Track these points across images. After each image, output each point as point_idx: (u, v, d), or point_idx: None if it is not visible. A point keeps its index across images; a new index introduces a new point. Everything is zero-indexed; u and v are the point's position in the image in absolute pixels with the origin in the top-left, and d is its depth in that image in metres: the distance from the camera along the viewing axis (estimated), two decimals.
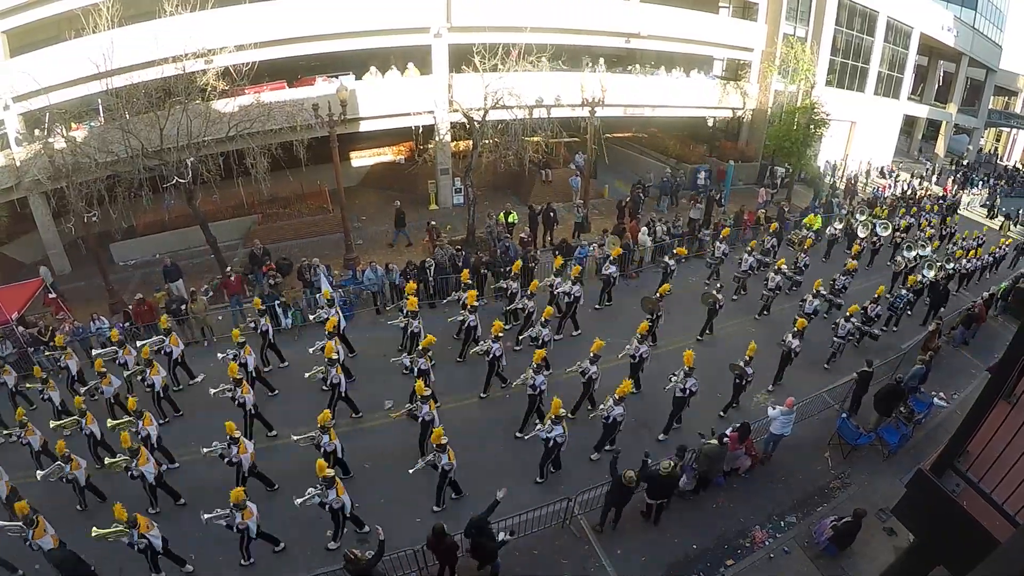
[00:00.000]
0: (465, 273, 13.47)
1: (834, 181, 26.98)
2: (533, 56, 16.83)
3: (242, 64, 14.71)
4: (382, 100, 18.95)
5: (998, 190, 31.46)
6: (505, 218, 18.00)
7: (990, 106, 39.48)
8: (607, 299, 15.38)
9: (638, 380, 11.69)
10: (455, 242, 17.30)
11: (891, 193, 27.03)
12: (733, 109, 26.27)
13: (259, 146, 14.65)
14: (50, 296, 14.72)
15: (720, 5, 26.69)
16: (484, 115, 16.38)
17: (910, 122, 35.97)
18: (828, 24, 25.56)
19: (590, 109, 18.58)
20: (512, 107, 16.53)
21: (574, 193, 21.67)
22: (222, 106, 15.15)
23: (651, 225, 17.88)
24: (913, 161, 34.01)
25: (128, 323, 13.39)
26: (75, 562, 7.68)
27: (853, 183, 27.14)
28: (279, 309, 13.86)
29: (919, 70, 35.58)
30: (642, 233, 17.53)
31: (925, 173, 32.12)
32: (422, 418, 9.69)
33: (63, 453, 8.80)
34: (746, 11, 25.45)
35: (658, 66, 24.17)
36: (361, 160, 24.25)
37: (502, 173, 19.75)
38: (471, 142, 17.04)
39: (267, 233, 18.51)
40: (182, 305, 13.74)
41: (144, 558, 7.88)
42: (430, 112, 19.47)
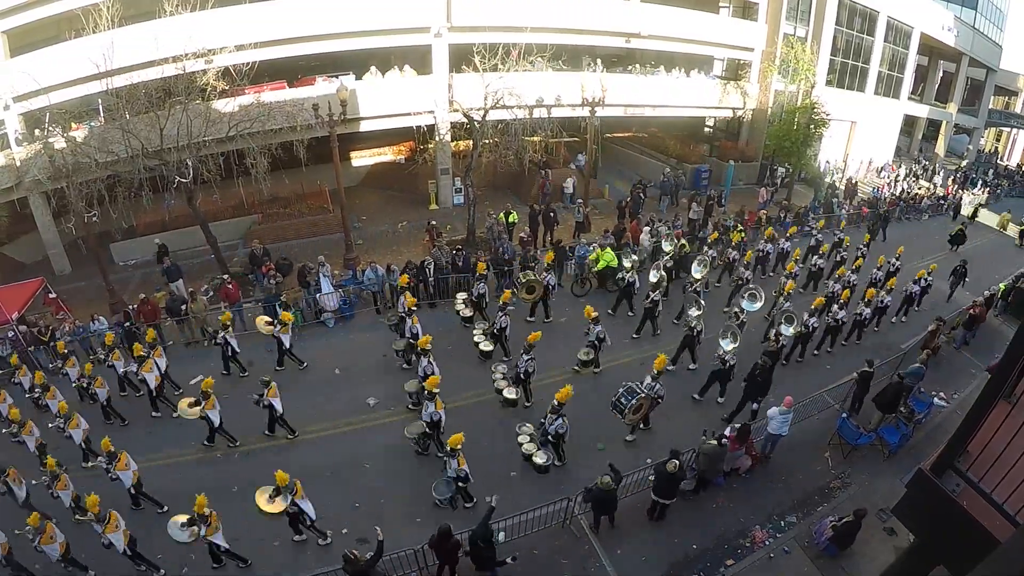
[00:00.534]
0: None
1: (834, 181, 26.97)
2: (533, 56, 16.82)
3: (242, 64, 14.71)
4: (382, 100, 18.95)
5: (999, 190, 31.50)
6: (505, 218, 18.01)
7: (990, 106, 39.49)
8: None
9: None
10: (455, 242, 17.30)
11: (890, 193, 27.01)
12: (733, 109, 26.25)
13: (259, 146, 14.64)
14: (50, 296, 14.73)
15: (720, 5, 26.67)
16: (484, 115, 16.37)
17: (910, 122, 35.95)
18: (828, 24, 25.55)
19: (590, 109, 18.57)
20: (512, 107, 16.53)
21: (563, 195, 21.55)
22: (222, 106, 15.15)
23: (652, 225, 17.87)
24: (912, 160, 33.96)
25: (128, 323, 13.41)
26: None
27: (853, 183, 27.14)
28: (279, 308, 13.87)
29: (919, 70, 35.56)
30: (643, 233, 17.53)
31: (921, 172, 32.03)
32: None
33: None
34: (746, 11, 25.43)
35: (658, 66, 24.15)
36: (361, 160, 24.25)
37: (502, 173, 19.75)
38: (471, 142, 17.04)
39: (267, 233, 18.51)
40: (182, 305, 13.74)
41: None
42: (430, 112, 19.46)
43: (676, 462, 8.62)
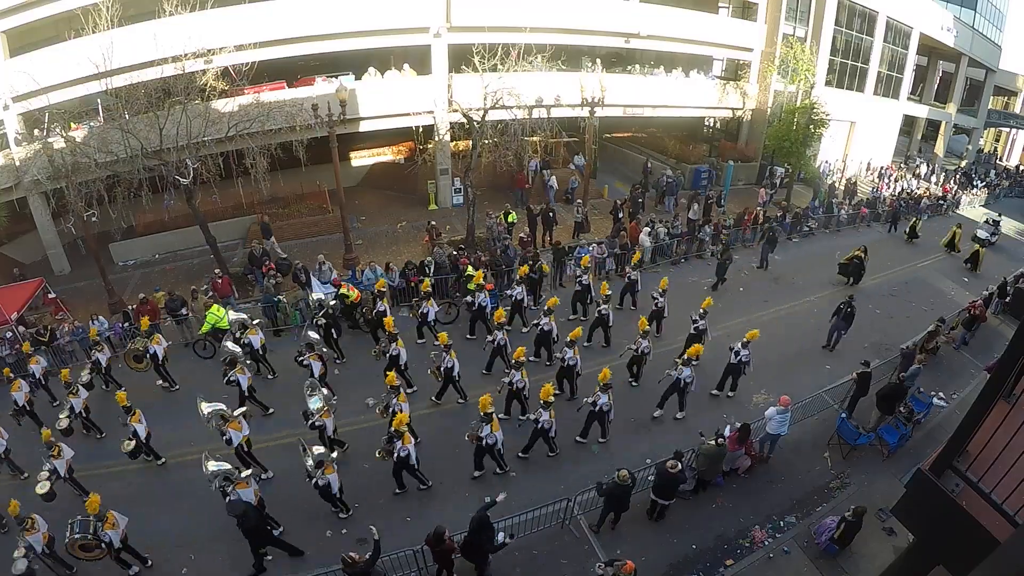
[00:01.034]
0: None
1: (834, 182, 26.97)
2: (532, 56, 16.83)
3: (242, 64, 14.71)
4: (381, 100, 18.94)
5: (999, 190, 31.52)
6: (505, 218, 18.00)
7: (989, 106, 39.53)
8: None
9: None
10: (456, 242, 17.29)
11: (889, 193, 27.03)
12: (733, 109, 26.26)
13: (258, 146, 14.65)
14: (49, 296, 14.72)
15: (720, 5, 26.68)
16: (484, 115, 16.37)
17: (910, 122, 35.97)
18: (828, 24, 25.57)
19: (590, 109, 18.56)
20: (512, 107, 16.52)
21: (548, 193, 21.27)
22: (222, 106, 15.15)
23: (651, 225, 17.87)
24: (912, 160, 33.96)
25: (128, 323, 13.40)
26: None
27: (853, 183, 27.15)
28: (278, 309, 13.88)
29: (919, 70, 35.60)
30: (643, 234, 17.53)
31: (918, 172, 32.01)
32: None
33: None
34: (746, 11, 25.43)
35: (658, 66, 24.17)
36: (361, 160, 24.23)
37: (502, 173, 19.73)
38: (471, 142, 17.04)
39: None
40: (182, 306, 13.73)
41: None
42: (430, 112, 19.46)
43: (676, 462, 8.63)
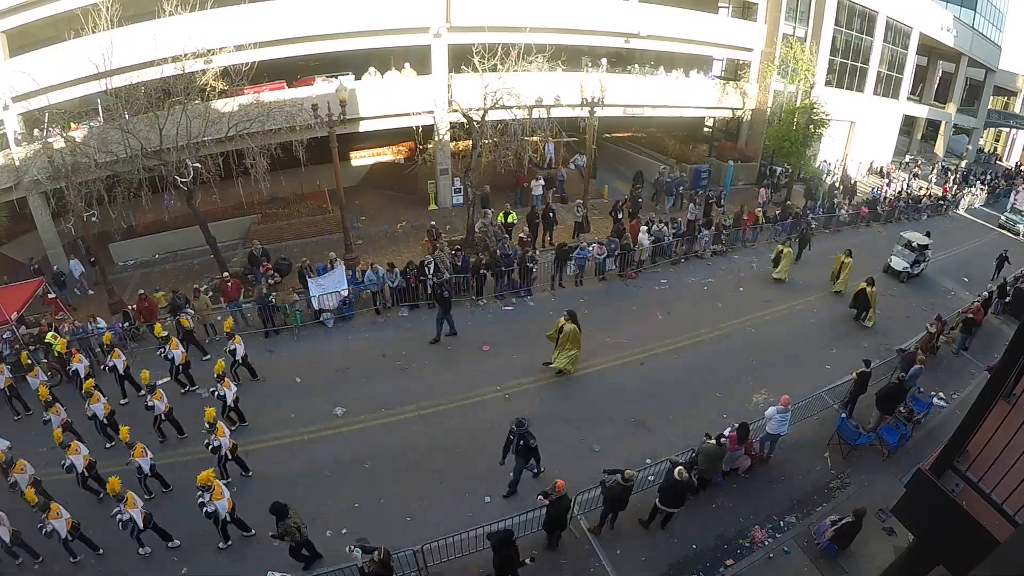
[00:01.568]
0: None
1: (834, 181, 26.98)
2: (532, 56, 16.82)
3: (242, 64, 14.70)
4: (381, 100, 18.94)
5: (998, 190, 31.53)
6: (504, 218, 17.99)
7: (989, 106, 39.55)
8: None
9: None
10: (455, 242, 17.29)
11: (890, 192, 27.03)
12: (733, 109, 26.27)
13: (258, 146, 14.64)
14: (50, 296, 14.71)
15: (720, 5, 26.68)
16: (484, 115, 16.37)
17: (909, 122, 36.00)
18: (827, 24, 25.59)
19: (590, 109, 18.56)
20: (512, 107, 16.52)
21: (534, 199, 21.03)
22: (222, 106, 15.15)
23: (649, 225, 17.86)
24: (911, 160, 33.96)
25: (127, 323, 13.39)
26: None
27: (853, 183, 27.16)
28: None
29: (918, 70, 35.62)
30: (642, 233, 17.53)
31: (918, 172, 31.97)
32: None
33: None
34: (745, 11, 25.44)
35: (658, 66, 24.17)
36: (361, 160, 24.24)
37: (502, 173, 19.73)
38: (471, 142, 17.04)
39: (267, 233, 18.52)
40: (184, 306, 13.71)
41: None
42: (430, 112, 19.46)
43: (682, 469, 8.54)
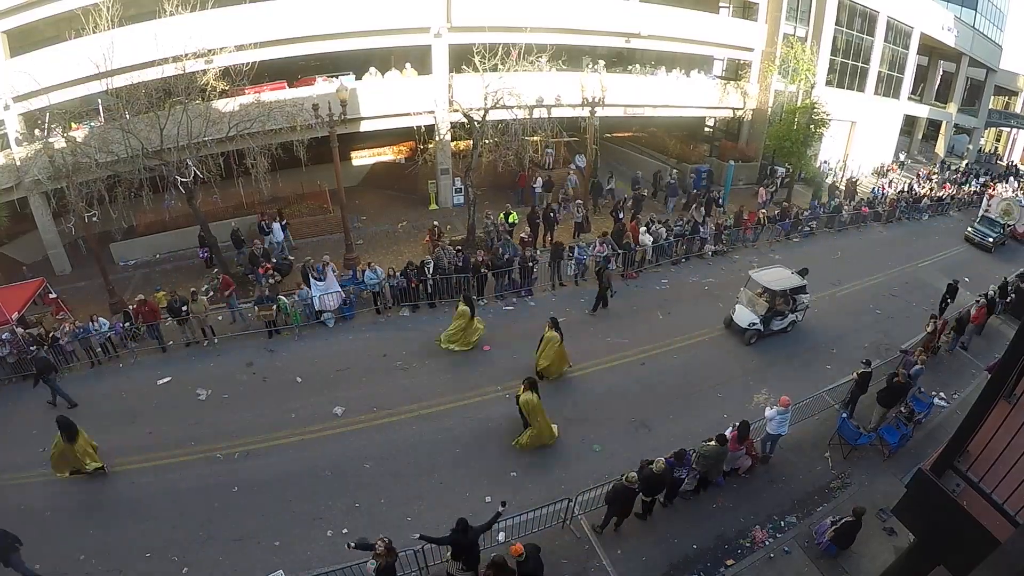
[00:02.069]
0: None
1: (835, 181, 26.96)
2: (533, 56, 16.82)
3: (242, 64, 14.69)
4: (382, 100, 18.92)
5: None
6: (505, 218, 17.99)
7: (990, 106, 39.51)
8: None
9: None
10: (456, 242, 17.29)
11: (891, 192, 27.00)
12: (733, 109, 26.24)
13: (259, 146, 14.63)
14: (50, 296, 14.71)
15: (720, 5, 26.66)
16: (484, 115, 16.37)
17: (910, 122, 35.96)
18: (828, 24, 25.56)
19: (590, 109, 18.55)
20: (512, 107, 16.52)
21: (534, 198, 21.05)
22: (222, 106, 15.14)
23: (649, 225, 17.85)
24: (912, 160, 33.93)
25: (128, 323, 13.39)
26: None
27: (854, 183, 27.14)
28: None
29: (919, 70, 35.57)
30: (642, 233, 17.52)
31: (920, 172, 31.92)
32: None
33: None
34: (746, 11, 25.42)
35: (658, 66, 24.15)
36: (361, 160, 24.22)
37: (502, 173, 19.75)
38: (471, 142, 17.04)
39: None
40: (183, 306, 13.72)
41: None
42: (430, 112, 19.44)
43: (662, 461, 8.77)
